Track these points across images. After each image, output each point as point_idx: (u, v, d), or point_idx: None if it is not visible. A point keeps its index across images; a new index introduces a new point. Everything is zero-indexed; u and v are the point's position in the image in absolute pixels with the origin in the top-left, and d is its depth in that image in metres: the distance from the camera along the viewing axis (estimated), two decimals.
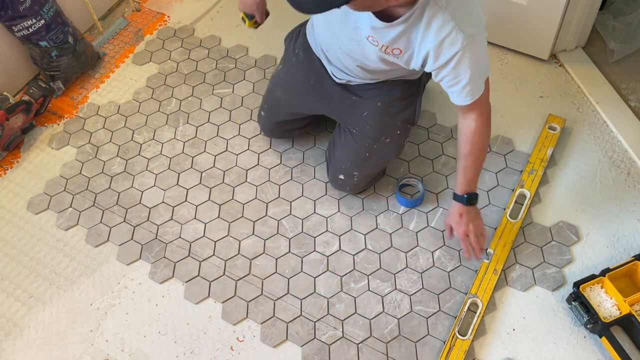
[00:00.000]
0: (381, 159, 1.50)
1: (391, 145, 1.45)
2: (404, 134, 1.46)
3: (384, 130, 1.42)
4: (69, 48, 1.85)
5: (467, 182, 1.29)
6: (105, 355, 1.37)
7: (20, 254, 1.56)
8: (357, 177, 1.50)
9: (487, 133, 1.26)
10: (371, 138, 1.43)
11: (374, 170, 1.52)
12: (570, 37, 1.83)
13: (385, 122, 1.41)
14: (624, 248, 1.46)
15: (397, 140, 1.45)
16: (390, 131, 1.43)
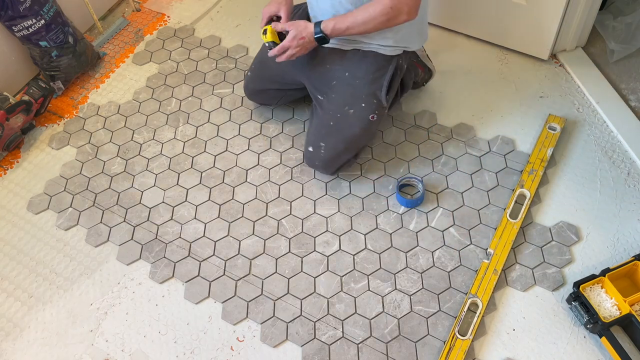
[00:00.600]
0: (346, 132, 1.49)
1: (355, 118, 1.47)
2: (368, 109, 1.47)
3: (347, 100, 1.46)
4: (69, 48, 1.85)
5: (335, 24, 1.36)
6: (105, 355, 1.37)
7: (20, 254, 1.56)
8: (324, 149, 1.51)
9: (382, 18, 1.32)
10: (336, 106, 1.47)
11: (340, 144, 1.51)
12: (570, 37, 1.83)
13: (349, 92, 1.45)
14: (624, 248, 1.46)
15: (361, 113, 1.47)
16: (354, 102, 1.46)
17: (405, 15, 1.34)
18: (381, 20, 1.34)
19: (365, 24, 1.35)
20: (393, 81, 1.51)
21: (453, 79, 1.86)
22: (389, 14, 1.32)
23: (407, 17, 1.34)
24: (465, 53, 1.94)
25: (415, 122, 1.76)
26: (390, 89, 1.51)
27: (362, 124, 1.48)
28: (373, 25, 1.35)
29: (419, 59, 1.68)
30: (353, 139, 1.52)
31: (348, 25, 1.36)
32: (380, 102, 1.48)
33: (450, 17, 1.96)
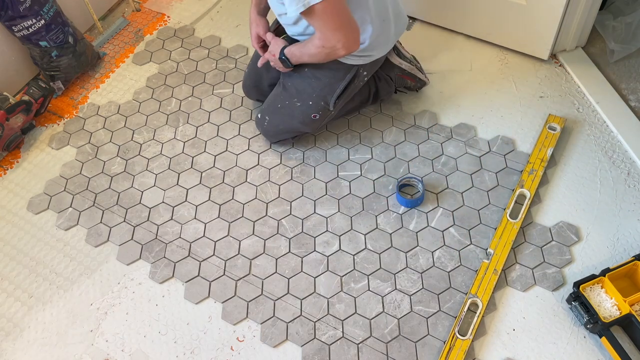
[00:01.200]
0: (287, 119, 1.59)
1: (299, 111, 1.56)
2: (314, 108, 1.55)
3: (299, 93, 1.54)
4: (69, 48, 1.85)
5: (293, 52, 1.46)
6: (105, 355, 1.37)
7: (20, 254, 1.56)
8: (267, 122, 1.63)
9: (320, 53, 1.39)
10: (288, 94, 1.56)
11: (281, 125, 1.62)
12: (570, 37, 1.83)
13: (303, 87, 1.53)
14: (624, 248, 1.46)
15: (306, 110, 1.55)
16: (303, 98, 1.54)
17: (343, 50, 1.36)
18: (322, 56, 1.40)
19: (312, 56, 1.43)
20: (347, 88, 1.55)
21: (453, 79, 1.86)
22: (324, 52, 1.38)
23: (346, 51, 1.36)
24: (465, 53, 1.94)
25: (415, 122, 1.76)
26: (342, 95, 1.55)
27: (304, 118, 1.57)
28: (319, 59, 1.42)
29: (405, 72, 1.70)
30: (293, 127, 1.62)
31: (301, 54, 1.45)
32: (327, 106, 1.55)
33: (450, 17, 1.96)
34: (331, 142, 1.73)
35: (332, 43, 1.34)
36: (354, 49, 1.37)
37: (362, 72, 1.55)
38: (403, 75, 1.70)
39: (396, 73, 1.69)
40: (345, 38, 1.33)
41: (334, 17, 1.29)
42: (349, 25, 1.33)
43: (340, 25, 1.31)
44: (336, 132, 1.75)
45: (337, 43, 1.34)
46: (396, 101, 1.81)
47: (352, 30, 1.34)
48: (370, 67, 1.56)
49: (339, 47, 1.35)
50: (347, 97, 1.58)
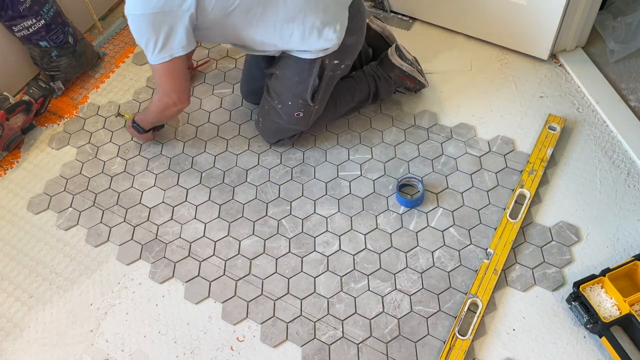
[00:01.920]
0: (276, 120, 1.62)
1: (282, 112, 1.58)
2: (294, 107, 1.56)
3: (277, 96, 1.57)
4: (69, 48, 1.85)
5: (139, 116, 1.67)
6: (105, 355, 1.37)
7: (20, 254, 1.56)
8: (261, 124, 1.68)
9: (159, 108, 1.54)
10: (270, 98, 1.60)
11: (273, 126, 1.65)
12: (570, 37, 1.83)
13: (279, 90, 1.56)
14: (624, 248, 1.46)
15: (288, 110, 1.57)
16: (282, 99, 1.56)
17: (174, 106, 1.51)
18: (160, 111, 1.55)
19: (151, 116, 1.61)
20: (322, 81, 1.53)
21: (453, 79, 1.86)
22: (160, 106, 1.53)
23: (176, 106, 1.51)
24: (465, 53, 1.94)
25: (415, 122, 1.76)
26: (319, 89, 1.54)
27: (289, 119, 1.59)
28: (156, 117, 1.61)
29: (406, 74, 1.69)
30: (283, 127, 1.64)
31: (144, 117, 1.64)
32: (305, 102, 1.55)
33: (450, 17, 1.96)
34: (331, 142, 1.73)
35: (165, 97, 1.49)
36: (184, 105, 1.52)
37: (331, 62, 1.51)
38: (403, 76, 1.70)
39: (396, 74, 1.69)
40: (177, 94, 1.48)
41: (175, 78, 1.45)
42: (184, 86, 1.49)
43: (177, 86, 1.47)
44: (336, 132, 1.75)
45: (170, 99, 1.49)
46: (396, 101, 1.81)
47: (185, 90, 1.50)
48: (337, 55, 1.50)
49: (171, 103, 1.50)
50: (326, 88, 1.57)
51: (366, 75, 1.68)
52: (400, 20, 2.07)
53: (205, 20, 1.37)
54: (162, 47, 1.35)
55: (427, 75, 1.86)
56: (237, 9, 1.37)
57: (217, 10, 1.35)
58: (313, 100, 1.55)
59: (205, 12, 1.35)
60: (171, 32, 1.33)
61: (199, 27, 1.39)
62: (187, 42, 1.37)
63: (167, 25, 1.32)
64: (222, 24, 1.40)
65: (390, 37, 1.77)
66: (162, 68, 1.40)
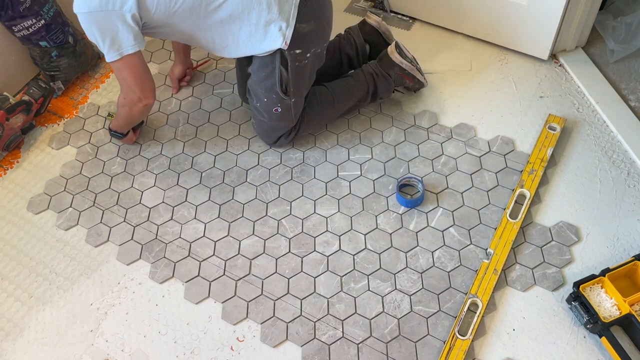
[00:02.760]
0: (261, 119, 1.64)
1: (263, 110, 1.60)
2: (271, 103, 1.57)
3: (254, 94, 1.59)
4: (69, 48, 1.85)
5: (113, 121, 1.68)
6: (105, 355, 1.37)
7: (20, 254, 1.56)
8: (255, 124, 1.71)
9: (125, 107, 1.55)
10: (250, 96, 1.62)
11: (264, 125, 1.66)
12: (570, 37, 1.83)
13: (253, 88, 1.58)
14: (624, 248, 1.46)
15: (266, 107, 1.58)
16: (257, 97, 1.58)
17: (141, 104, 1.52)
18: (127, 110, 1.56)
19: (121, 118, 1.62)
20: (290, 73, 1.50)
21: (453, 79, 1.86)
22: (128, 106, 1.54)
23: (143, 104, 1.52)
24: (465, 53, 1.94)
25: (415, 122, 1.76)
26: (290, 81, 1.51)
27: (269, 115, 1.60)
28: (126, 119, 1.61)
29: (405, 72, 1.69)
30: (271, 126, 1.65)
31: (118, 119, 1.64)
32: (279, 96, 1.55)
33: (450, 17, 1.96)
34: (331, 142, 1.73)
35: (128, 94, 1.50)
36: (151, 101, 1.52)
37: (292, 51, 1.47)
38: (403, 74, 1.70)
39: (396, 72, 1.69)
40: (139, 91, 1.48)
41: (136, 74, 1.45)
42: (147, 82, 1.49)
43: (139, 82, 1.47)
44: (336, 132, 1.75)
45: (133, 95, 1.49)
46: (396, 101, 1.81)
47: (149, 87, 1.50)
48: (295, 44, 1.46)
49: (136, 100, 1.50)
50: (296, 79, 1.53)
51: (365, 73, 1.68)
52: (400, 20, 2.07)
53: (152, 20, 1.39)
54: (110, 45, 1.37)
55: (427, 75, 1.87)
56: (180, 9, 1.37)
57: (161, 11, 1.37)
58: (286, 93, 1.54)
59: (149, 12, 1.36)
60: (117, 30, 1.35)
61: (148, 25, 1.41)
62: (135, 41, 1.38)
63: (111, 24, 1.34)
64: (170, 23, 1.41)
65: (387, 33, 1.77)
66: (118, 65, 1.41)
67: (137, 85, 1.47)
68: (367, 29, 1.76)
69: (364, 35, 1.75)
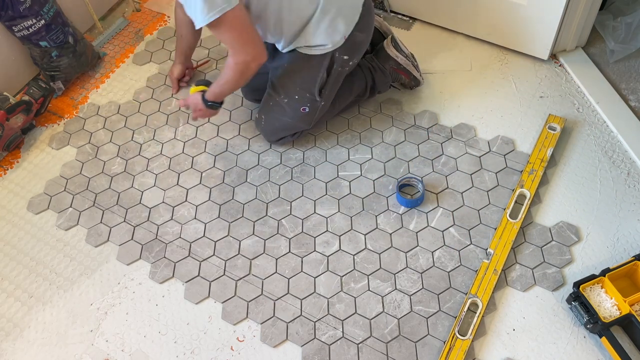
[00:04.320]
0: (280, 117, 1.62)
1: (288, 106, 1.58)
2: (301, 102, 1.57)
3: (284, 89, 1.57)
4: (69, 48, 1.85)
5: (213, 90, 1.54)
6: (105, 355, 1.37)
7: (20, 254, 1.56)
8: (264, 121, 1.67)
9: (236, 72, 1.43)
10: (274, 91, 1.60)
11: (276, 123, 1.64)
12: (570, 37, 1.83)
13: (287, 84, 1.56)
14: (624, 248, 1.46)
15: (294, 105, 1.57)
16: (289, 93, 1.57)
17: (253, 63, 1.41)
18: (237, 75, 1.45)
19: (229, 82, 1.48)
20: (330, 76, 1.55)
21: (453, 79, 1.86)
22: (237, 69, 1.42)
23: (255, 62, 1.41)
24: (465, 53, 1.94)
25: (415, 122, 1.76)
26: (327, 84, 1.56)
27: (294, 113, 1.59)
28: (236, 81, 1.48)
29: (401, 67, 1.70)
30: (288, 124, 1.63)
31: (221, 86, 1.51)
32: (313, 97, 1.56)
33: (450, 17, 1.96)
34: (331, 142, 1.73)
35: (242, 56, 1.39)
36: (263, 60, 1.42)
37: (341, 56, 1.53)
38: (398, 69, 1.70)
39: (391, 66, 1.69)
40: (254, 50, 1.39)
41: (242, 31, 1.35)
42: (256, 38, 1.39)
43: (243, 37, 1.37)
44: (336, 132, 1.75)
45: (247, 56, 1.39)
46: (396, 101, 1.81)
47: (259, 42, 1.40)
48: (347, 50, 1.52)
49: (249, 60, 1.40)
50: (333, 84, 1.58)
51: (362, 67, 1.69)
52: (400, 20, 2.07)
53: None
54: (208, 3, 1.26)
55: (427, 75, 1.87)
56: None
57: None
58: (320, 95, 1.56)
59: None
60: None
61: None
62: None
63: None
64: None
65: (387, 32, 1.77)
66: (221, 26, 1.31)
67: (247, 43, 1.37)
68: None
69: None
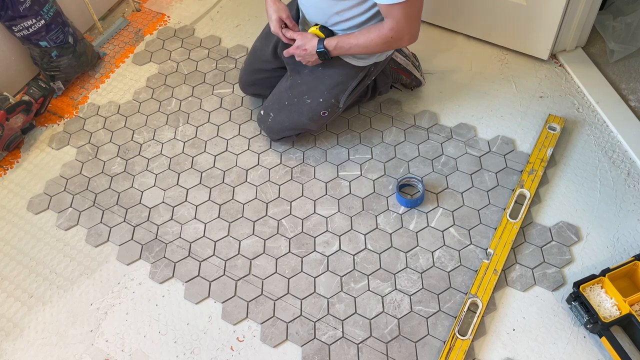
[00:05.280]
0: (295, 116, 1.58)
1: (308, 108, 1.56)
2: (323, 105, 1.55)
3: (310, 91, 1.55)
4: (69, 48, 1.85)
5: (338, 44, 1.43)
6: (105, 355, 1.37)
7: (20, 254, 1.56)
8: (272, 119, 1.63)
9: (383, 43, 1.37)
10: (297, 91, 1.56)
11: (286, 122, 1.61)
12: (570, 37, 1.83)
13: (314, 85, 1.54)
14: (624, 248, 1.46)
15: (316, 107, 1.55)
16: (314, 95, 1.54)
17: (406, 42, 1.38)
18: (381, 45, 1.39)
19: (366, 48, 1.40)
20: (358, 86, 1.57)
21: (453, 79, 1.86)
22: (388, 42, 1.37)
23: (409, 42, 1.39)
24: (465, 53, 1.94)
25: (415, 122, 1.76)
26: (352, 93, 1.57)
27: (312, 115, 1.57)
28: (373, 48, 1.40)
29: (401, 67, 1.70)
30: (299, 124, 1.61)
31: (350, 46, 1.42)
32: (337, 103, 1.55)
33: (450, 17, 1.96)
34: (331, 142, 1.73)
35: (404, 33, 1.34)
36: (414, 40, 1.39)
37: (374, 69, 1.56)
38: (398, 69, 1.70)
39: (391, 66, 1.69)
40: (416, 29, 1.36)
41: (417, 6, 1.31)
42: (420, 17, 1.36)
43: (418, 15, 1.34)
44: (336, 132, 1.75)
45: (407, 34, 1.35)
46: (396, 101, 1.81)
47: (419, 22, 1.37)
48: (382, 65, 1.57)
49: (406, 39, 1.36)
50: (355, 94, 1.59)
51: None
52: None
53: None
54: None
55: (427, 75, 1.87)
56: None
57: None
58: (344, 103, 1.57)
59: None
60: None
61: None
62: None
63: None
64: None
65: None
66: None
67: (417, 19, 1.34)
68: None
69: None
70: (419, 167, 1.65)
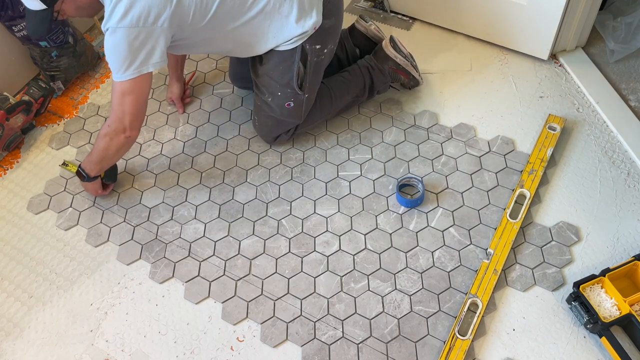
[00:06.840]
0: (269, 114, 1.63)
1: (274, 104, 1.59)
2: (284, 98, 1.57)
3: (266, 89, 1.58)
4: (69, 48, 1.85)
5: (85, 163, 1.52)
6: (105, 355, 1.37)
7: (20, 254, 1.56)
8: (257, 122, 1.69)
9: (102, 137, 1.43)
10: (259, 91, 1.61)
11: (268, 121, 1.65)
12: (570, 37, 1.83)
13: (266, 82, 1.57)
14: (624, 248, 1.46)
15: (278, 101, 1.58)
16: (271, 91, 1.58)
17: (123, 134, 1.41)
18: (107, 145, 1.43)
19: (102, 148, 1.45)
20: (307, 67, 1.53)
21: (453, 79, 1.86)
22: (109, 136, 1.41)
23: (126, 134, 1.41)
24: (465, 53, 1.94)
25: (415, 122, 1.76)
26: (306, 76, 1.55)
27: (281, 110, 1.60)
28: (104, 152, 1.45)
29: (400, 67, 1.70)
30: (277, 121, 1.64)
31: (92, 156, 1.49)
32: (294, 91, 1.56)
33: (450, 17, 1.96)
34: (331, 142, 1.73)
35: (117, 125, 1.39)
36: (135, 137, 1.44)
37: (312, 46, 1.51)
38: (397, 69, 1.70)
39: (390, 66, 1.69)
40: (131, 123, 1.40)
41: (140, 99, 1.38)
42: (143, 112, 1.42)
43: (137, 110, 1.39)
44: (336, 132, 1.75)
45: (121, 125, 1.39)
46: (396, 101, 1.81)
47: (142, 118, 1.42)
48: (317, 40, 1.51)
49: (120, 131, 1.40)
50: (313, 75, 1.56)
51: (360, 67, 1.69)
52: (400, 20, 2.07)
53: (183, 31, 1.36)
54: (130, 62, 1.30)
55: (427, 75, 1.87)
56: (216, 13, 1.36)
57: (197, 19, 1.35)
58: (301, 89, 1.56)
59: (184, 23, 1.34)
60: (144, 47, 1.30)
61: (174, 39, 1.38)
62: (160, 58, 1.33)
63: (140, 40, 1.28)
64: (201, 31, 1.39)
65: (374, 38, 1.78)
66: (128, 86, 1.33)
67: (131, 113, 1.38)
68: (355, 34, 1.78)
69: (353, 40, 1.77)
70: (419, 167, 1.65)
